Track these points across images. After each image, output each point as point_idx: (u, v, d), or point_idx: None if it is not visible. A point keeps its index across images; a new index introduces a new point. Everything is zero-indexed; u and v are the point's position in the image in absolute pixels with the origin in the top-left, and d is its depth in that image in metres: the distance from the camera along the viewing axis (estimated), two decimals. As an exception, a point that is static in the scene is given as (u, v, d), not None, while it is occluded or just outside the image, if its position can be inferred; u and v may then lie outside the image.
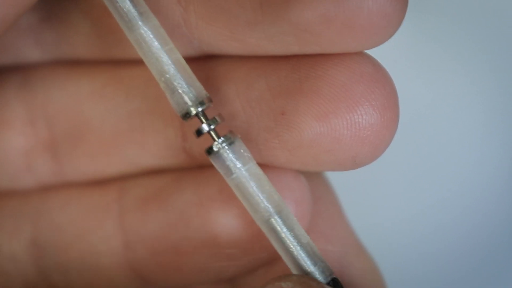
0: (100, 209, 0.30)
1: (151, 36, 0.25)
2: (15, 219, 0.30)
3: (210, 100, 0.26)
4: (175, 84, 0.25)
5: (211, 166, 0.26)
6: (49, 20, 0.29)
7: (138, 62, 0.27)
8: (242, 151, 0.25)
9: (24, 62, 0.30)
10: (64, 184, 0.30)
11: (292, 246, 0.25)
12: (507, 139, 0.43)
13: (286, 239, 0.25)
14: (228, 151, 0.25)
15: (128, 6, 0.25)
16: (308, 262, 0.25)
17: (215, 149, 0.25)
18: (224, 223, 0.28)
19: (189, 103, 0.25)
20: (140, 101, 0.29)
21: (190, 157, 0.29)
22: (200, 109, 0.25)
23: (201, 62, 0.28)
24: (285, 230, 0.25)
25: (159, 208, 0.29)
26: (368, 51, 0.26)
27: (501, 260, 0.44)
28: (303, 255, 0.25)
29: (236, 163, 0.25)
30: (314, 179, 0.30)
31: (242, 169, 0.25)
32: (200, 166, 0.29)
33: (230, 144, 0.25)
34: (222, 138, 0.25)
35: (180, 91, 0.25)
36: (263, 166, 0.27)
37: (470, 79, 0.43)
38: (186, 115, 0.25)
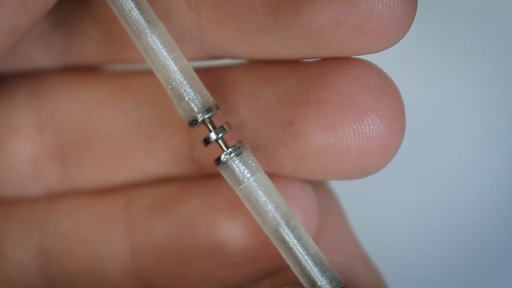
0: (107, 217, 0.30)
1: (158, 43, 0.25)
2: (22, 227, 0.30)
3: (217, 107, 0.26)
4: (182, 91, 0.25)
5: (218, 175, 0.26)
6: (60, 25, 0.29)
7: (146, 72, 0.27)
8: (250, 161, 0.26)
9: (34, 68, 0.30)
10: (71, 192, 0.30)
11: (300, 256, 0.25)
12: (509, 141, 0.43)
13: (295, 248, 0.25)
14: (236, 162, 0.25)
15: (135, 14, 0.25)
16: (317, 272, 0.26)
17: (223, 159, 0.25)
18: (231, 232, 0.28)
19: (196, 109, 0.25)
20: (147, 110, 0.29)
21: (198, 166, 0.29)
22: (206, 116, 0.25)
23: (209, 72, 0.28)
24: (293, 239, 0.25)
25: (166, 216, 0.29)
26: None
27: (501, 261, 0.43)
28: (311, 264, 0.25)
29: (245, 173, 0.25)
30: (320, 190, 0.30)
31: (251, 179, 0.25)
32: (208, 175, 0.29)
33: (238, 154, 0.25)
34: (231, 149, 0.25)
35: (186, 98, 0.25)
36: (270, 175, 0.27)
37: (471, 80, 0.43)
38: (193, 122, 0.25)
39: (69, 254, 0.30)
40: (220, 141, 0.25)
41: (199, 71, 0.27)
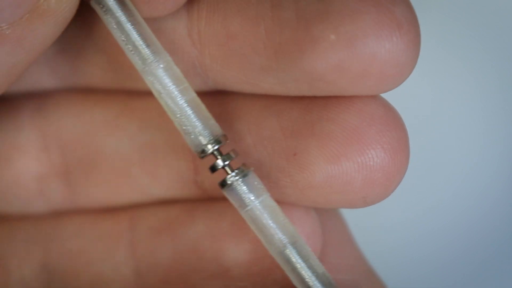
0: (111, 237, 0.30)
1: (165, 76, 0.25)
2: (26, 244, 0.30)
3: (226, 138, 0.26)
4: (190, 123, 0.25)
5: (223, 199, 0.27)
6: (66, 52, 0.29)
7: (151, 93, 0.27)
8: (255, 183, 0.26)
9: (39, 90, 0.30)
10: (76, 211, 0.30)
11: (307, 277, 0.25)
12: (508, 140, 0.43)
13: (302, 269, 0.25)
14: (241, 184, 0.25)
15: (142, 45, 0.25)
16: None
17: (228, 182, 0.25)
18: (236, 256, 0.28)
19: (204, 142, 0.25)
20: (152, 133, 0.29)
21: (202, 190, 0.29)
22: (216, 147, 0.25)
23: (214, 98, 0.28)
24: (300, 260, 0.25)
25: (171, 238, 0.29)
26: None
27: (501, 261, 0.44)
28: (319, 285, 0.25)
29: (250, 196, 0.25)
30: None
31: (256, 201, 0.25)
32: (212, 199, 0.29)
33: (243, 176, 0.25)
34: (236, 171, 0.25)
35: (195, 130, 0.25)
36: (273, 202, 0.27)
37: (470, 80, 0.43)
38: (202, 153, 0.25)
39: (73, 272, 0.30)
40: (226, 167, 0.26)
41: (205, 97, 0.27)
